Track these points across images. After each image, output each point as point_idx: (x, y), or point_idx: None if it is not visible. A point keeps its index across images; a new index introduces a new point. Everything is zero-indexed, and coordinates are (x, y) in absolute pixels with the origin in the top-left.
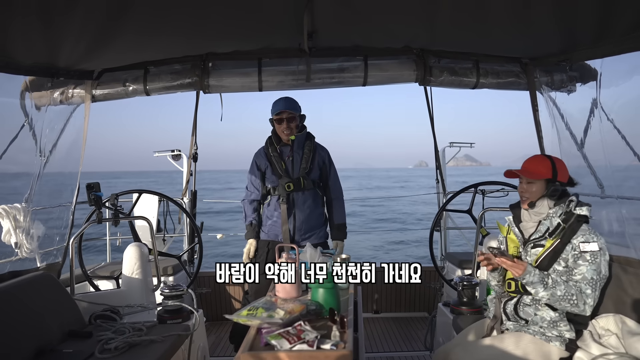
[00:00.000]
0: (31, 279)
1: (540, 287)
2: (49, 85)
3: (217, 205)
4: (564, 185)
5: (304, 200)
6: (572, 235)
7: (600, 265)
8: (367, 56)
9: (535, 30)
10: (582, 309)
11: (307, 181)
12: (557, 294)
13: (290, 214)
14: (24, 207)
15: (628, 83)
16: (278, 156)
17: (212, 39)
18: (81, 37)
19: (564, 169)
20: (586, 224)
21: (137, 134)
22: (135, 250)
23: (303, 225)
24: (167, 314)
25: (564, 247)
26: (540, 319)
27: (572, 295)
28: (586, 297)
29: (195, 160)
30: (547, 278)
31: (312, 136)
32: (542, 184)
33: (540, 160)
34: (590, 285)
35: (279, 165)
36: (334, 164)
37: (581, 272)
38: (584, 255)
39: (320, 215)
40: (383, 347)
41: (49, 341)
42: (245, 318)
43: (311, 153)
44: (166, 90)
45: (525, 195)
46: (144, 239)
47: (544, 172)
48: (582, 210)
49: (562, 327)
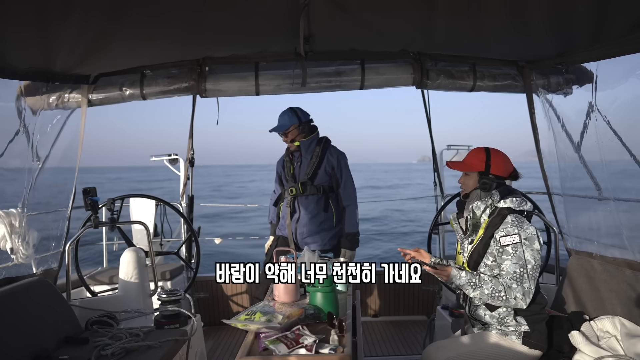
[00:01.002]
0: (27, 285)
1: (469, 288)
2: (45, 90)
3: (215, 209)
4: (500, 178)
5: (306, 205)
6: (495, 229)
7: (524, 256)
8: (364, 60)
9: (531, 33)
10: (515, 303)
11: (310, 186)
12: (485, 293)
13: (293, 217)
14: (20, 213)
15: (624, 85)
16: (289, 161)
17: (209, 43)
18: (77, 41)
19: (501, 162)
20: (514, 215)
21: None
22: (132, 255)
23: (304, 229)
24: (164, 319)
25: (490, 242)
26: (490, 317)
27: (499, 292)
28: (514, 292)
29: (192, 164)
30: (475, 278)
31: (324, 140)
32: (475, 176)
33: (476, 152)
34: (515, 279)
35: (288, 170)
36: (348, 169)
37: (505, 267)
38: (506, 249)
39: (325, 222)
40: (382, 351)
41: (45, 347)
42: (243, 323)
43: (317, 159)
44: (163, 94)
45: (462, 187)
46: (141, 244)
47: (477, 164)
48: (506, 202)
49: (510, 323)
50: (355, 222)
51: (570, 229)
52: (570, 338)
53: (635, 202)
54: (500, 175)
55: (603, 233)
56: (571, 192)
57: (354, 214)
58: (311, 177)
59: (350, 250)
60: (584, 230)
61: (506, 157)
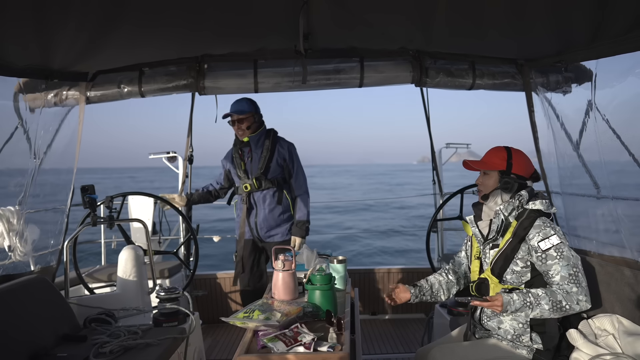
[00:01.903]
0: (25, 283)
1: (528, 310)
2: (43, 87)
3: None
4: (522, 179)
5: (263, 200)
6: (526, 232)
7: (569, 256)
8: (363, 57)
9: (530, 31)
10: (579, 307)
11: (265, 180)
12: (545, 309)
13: (251, 214)
14: (18, 210)
15: (623, 84)
16: (239, 157)
17: (208, 41)
18: (75, 38)
19: (522, 162)
20: (542, 218)
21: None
22: (130, 252)
23: (264, 224)
24: (162, 316)
25: (519, 246)
26: (504, 332)
27: (560, 303)
28: (577, 295)
29: (191, 162)
30: (528, 297)
31: (273, 132)
32: (496, 176)
33: (496, 151)
34: (573, 281)
35: (239, 166)
36: (298, 159)
37: (557, 272)
38: (549, 254)
39: (283, 214)
40: (380, 349)
41: (43, 345)
42: (241, 320)
43: (268, 152)
44: (161, 92)
45: (480, 187)
46: (140, 242)
47: (498, 163)
48: (535, 204)
49: (525, 339)
50: (306, 210)
51: (569, 228)
52: (568, 336)
53: (633, 201)
54: (522, 175)
55: (602, 231)
56: (570, 191)
57: (306, 202)
58: (264, 171)
59: (300, 237)
60: (582, 229)
61: (527, 157)
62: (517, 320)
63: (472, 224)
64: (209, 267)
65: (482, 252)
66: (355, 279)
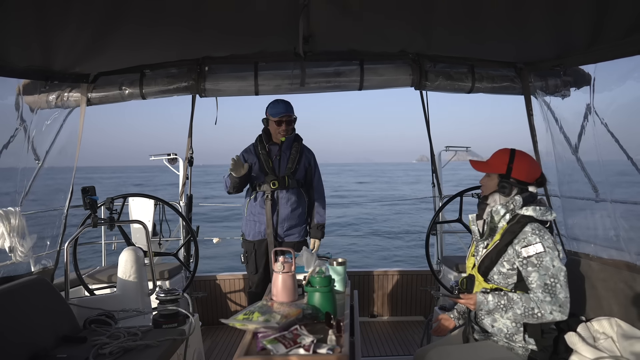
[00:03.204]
0: (25, 284)
1: (502, 311)
2: (44, 89)
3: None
4: (523, 183)
5: (287, 199)
6: (512, 237)
7: (551, 264)
8: (362, 60)
9: (529, 35)
10: (552, 317)
11: (292, 180)
12: (517, 313)
13: (274, 211)
14: (18, 211)
15: (621, 88)
16: (266, 154)
17: (208, 43)
18: (76, 40)
19: (524, 166)
20: (532, 224)
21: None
22: (130, 254)
23: (285, 223)
24: (162, 318)
25: (506, 249)
26: (498, 331)
27: (532, 310)
28: (550, 305)
29: (191, 164)
30: (503, 299)
31: (300, 138)
32: (496, 178)
33: (501, 153)
34: (547, 291)
35: (267, 163)
36: (318, 166)
37: (534, 280)
38: (530, 261)
39: (302, 214)
40: (379, 351)
41: (43, 346)
42: (241, 322)
43: (298, 154)
44: (162, 94)
45: (482, 188)
46: (140, 243)
47: (498, 166)
48: (528, 210)
49: (518, 338)
50: (325, 214)
51: (567, 231)
52: (567, 339)
53: (632, 204)
54: (522, 180)
55: (600, 235)
56: (569, 194)
57: (324, 206)
58: (293, 171)
59: (319, 239)
60: (581, 232)
61: (533, 162)
62: (510, 319)
63: (474, 221)
64: (209, 269)
65: (475, 250)
66: (355, 281)
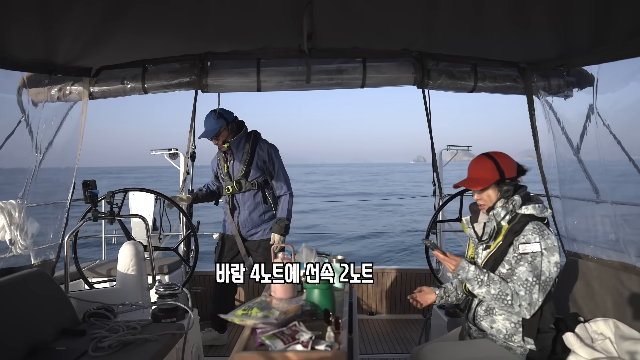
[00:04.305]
0: (25, 276)
1: (475, 284)
2: (47, 82)
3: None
4: (514, 180)
5: (244, 201)
6: (515, 236)
7: (540, 266)
8: (365, 58)
9: (532, 35)
10: (518, 310)
11: (245, 183)
12: (491, 292)
13: (234, 214)
14: (19, 204)
15: (624, 89)
16: (223, 160)
17: (211, 38)
18: (79, 34)
19: (508, 164)
20: (534, 222)
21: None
22: (130, 248)
23: (246, 224)
24: (161, 312)
25: (508, 249)
26: (496, 332)
27: (506, 295)
28: (520, 299)
29: (192, 159)
30: (484, 275)
31: (254, 135)
32: (494, 187)
33: (481, 163)
34: (525, 286)
35: (222, 169)
36: (280, 161)
37: (518, 273)
38: (524, 257)
39: (265, 213)
40: (377, 349)
41: (42, 339)
42: (240, 318)
43: (248, 155)
44: (164, 88)
45: (481, 203)
46: (140, 237)
47: (491, 176)
48: (528, 209)
49: (517, 338)
50: (287, 209)
51: (567, 231)
52: (565, 339)
53: (633, 206)
54: (514, 176)
55: (600, 236)
56: (569, 195)
57: (287, 202)
58: (244, 174)
59: (279, 234)
60: (581, 233)
61: (508, 156)
62: (510, 320)
63: (468, 224)
64: (208, 264)
65: (475, 252)
66: None
